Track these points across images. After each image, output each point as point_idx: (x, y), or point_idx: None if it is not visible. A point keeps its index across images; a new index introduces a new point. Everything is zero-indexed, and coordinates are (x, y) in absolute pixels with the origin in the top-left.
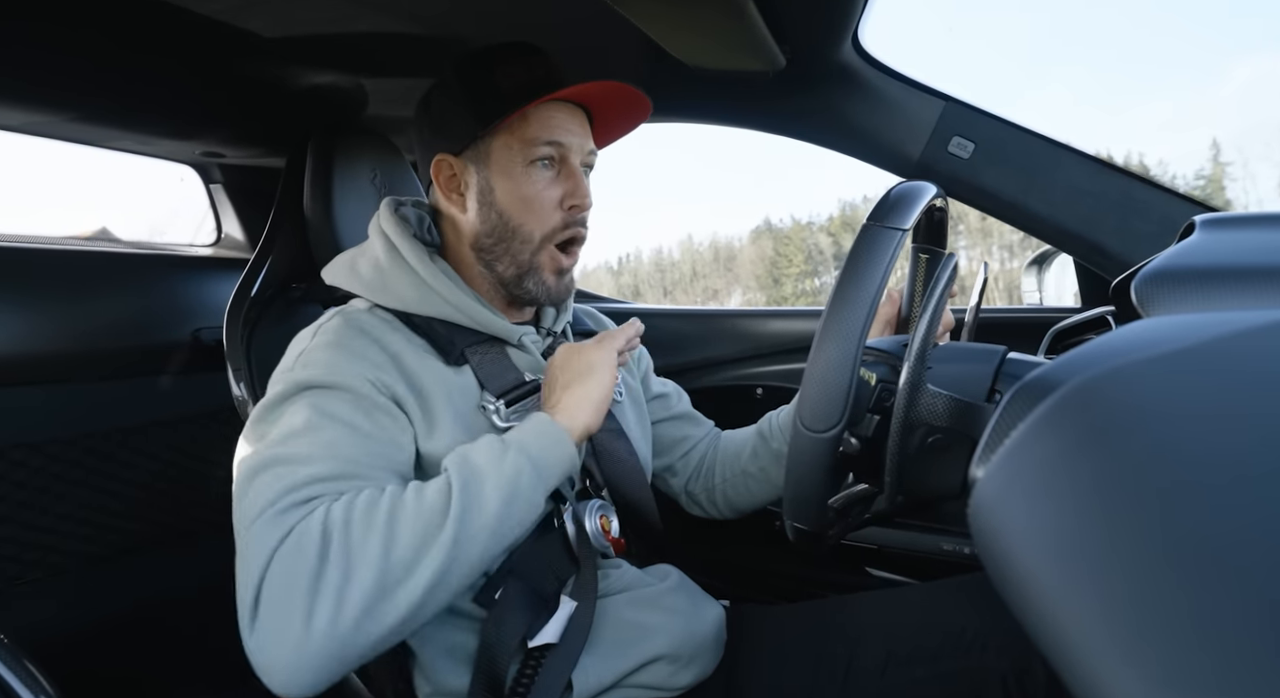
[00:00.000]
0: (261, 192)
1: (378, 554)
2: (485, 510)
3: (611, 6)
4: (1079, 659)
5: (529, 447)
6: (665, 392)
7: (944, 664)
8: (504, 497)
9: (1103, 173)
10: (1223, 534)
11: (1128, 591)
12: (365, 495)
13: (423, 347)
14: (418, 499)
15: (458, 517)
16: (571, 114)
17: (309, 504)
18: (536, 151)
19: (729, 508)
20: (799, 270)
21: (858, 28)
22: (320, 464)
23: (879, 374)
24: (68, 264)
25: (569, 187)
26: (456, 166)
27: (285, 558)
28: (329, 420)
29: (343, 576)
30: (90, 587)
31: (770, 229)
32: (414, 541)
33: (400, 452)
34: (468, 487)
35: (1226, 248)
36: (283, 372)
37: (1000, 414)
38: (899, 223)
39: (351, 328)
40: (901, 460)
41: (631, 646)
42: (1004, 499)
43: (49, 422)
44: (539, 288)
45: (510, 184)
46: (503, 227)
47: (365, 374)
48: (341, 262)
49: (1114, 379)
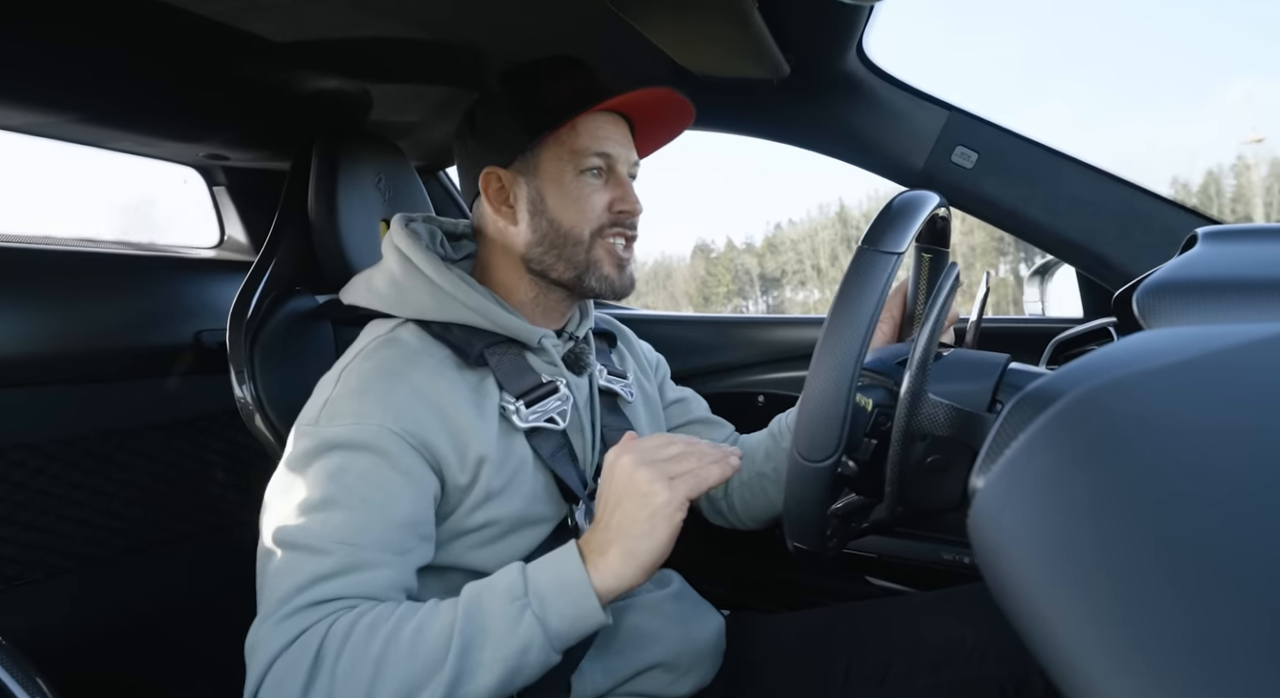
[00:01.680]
0: (265, 194)
1: (362, 694)
2: (484, 679)
3: (617, 15)
4: (1077, 670)
5: (551, 616)
6: (683, 397)
7: (943, 674)
8: (507, 668)
9: (1105, 184)
10: (1223, 546)
11: (1126, 602)
12: (369, 620)
13: (444, 358)
14: (414, 642)
15: (449, 681)
16: (617, 125)
17: (315, 610)
18: (586, 162)
19: (746, 513)
20: (726, 289)
21: (862, 37)
22: (331, 558)
23: (875, 399)
24: (69, 265)
25: (618, 193)
26: (505, 179)
27: (280, 670)
28: (348, 494)
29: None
30: (89, 589)
31: (703, 250)
32: (399, 689)
33: (419, 521)
34: (469, 650)
35: (1229, 260)
36: (308, 423)
37: (1001, 424)
38: (894, 247)
39: (373, 368)
40: (902, 471)
41: (631, 652)
42: (1004, 510)
43: (49, 423)
44: (602, 283)
45: (561, 192)
46: (554, 234)
47: (391, 426)
48: (358, 282)
49: (1115, 390)
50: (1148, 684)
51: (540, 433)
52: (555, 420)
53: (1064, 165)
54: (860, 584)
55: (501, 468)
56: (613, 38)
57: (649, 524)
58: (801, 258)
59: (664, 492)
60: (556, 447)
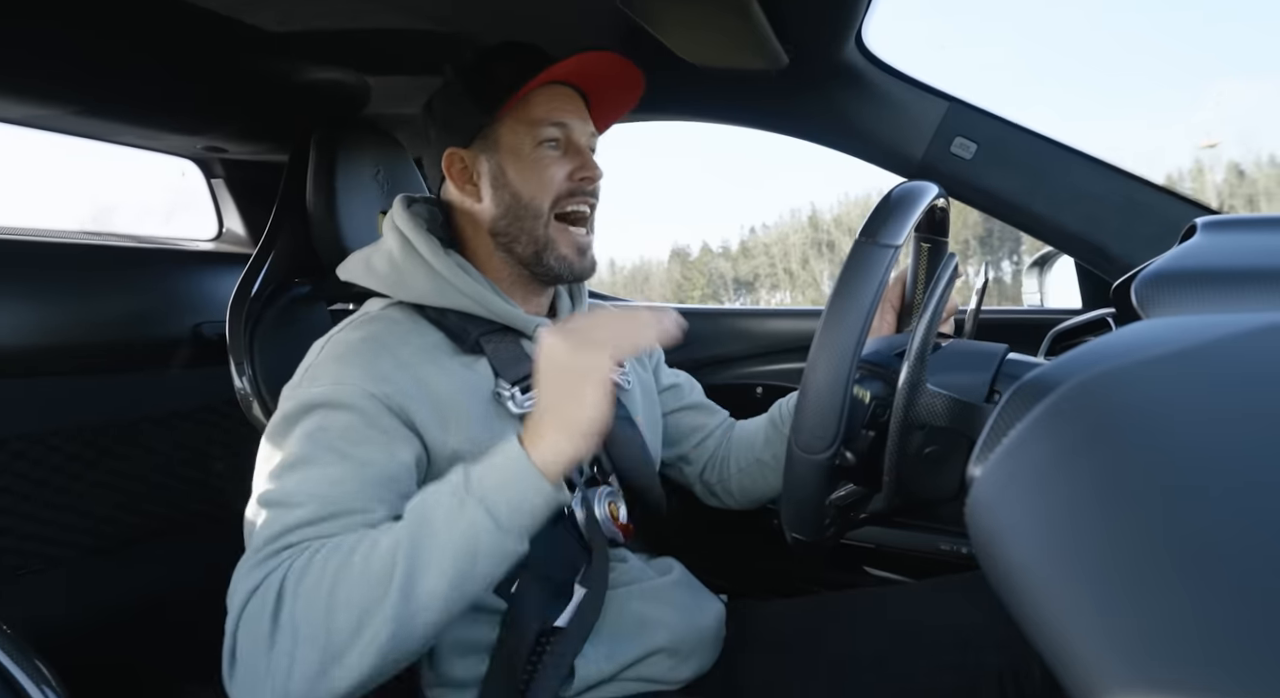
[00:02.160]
0: (263, 186)
1: (320, 623)
2: (435, 575)
3: (617, 6)
4: (1074, 656)
5: (492, 497)
6: (677, 382)
7: (941, 661)
8: (459, 559)
9: (1105, 175)
10: (1220, 535)
11: (1123, 589)
12: (326, 551)
13: (437, 342)
14: (366, 557)
15: (402, 585)
16: (570, 97)
17: (286, 552)
18: (543, 133)
19: (745, 498)
20: (701, 293)
21: (861, 27)
22: (305, 508)
23: (873, 391)
24: (70, 257)
25: (577, 162)
26: (467, 158)
27: (250, 614)
28: (326, 451)
29: (291, 640)
30: (92, 579)
31: (679, 254)
32: (355, 610)
33: (396, 477)
34: (417, 549)
35: (1227, 251)
36: (292, 387)
37: (999, 414)
38: (891, 239)
39: (360, 338)
40: (900, 462)
41: (634, 637)
42: (1001, 498)
43: (50, 414)
44: (560, 263)
45: (521, 164)
46: (517, 205)
47: (370, 388)
48: (357, 259)
49: (1112, 380)
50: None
51: None
52: None
53: (1063, 156)
54: (858, 574)
55: (491, 447)
56: (614, 28)
57: (578, 391)
58: (774, 262)
59: (587, 357)
60: None
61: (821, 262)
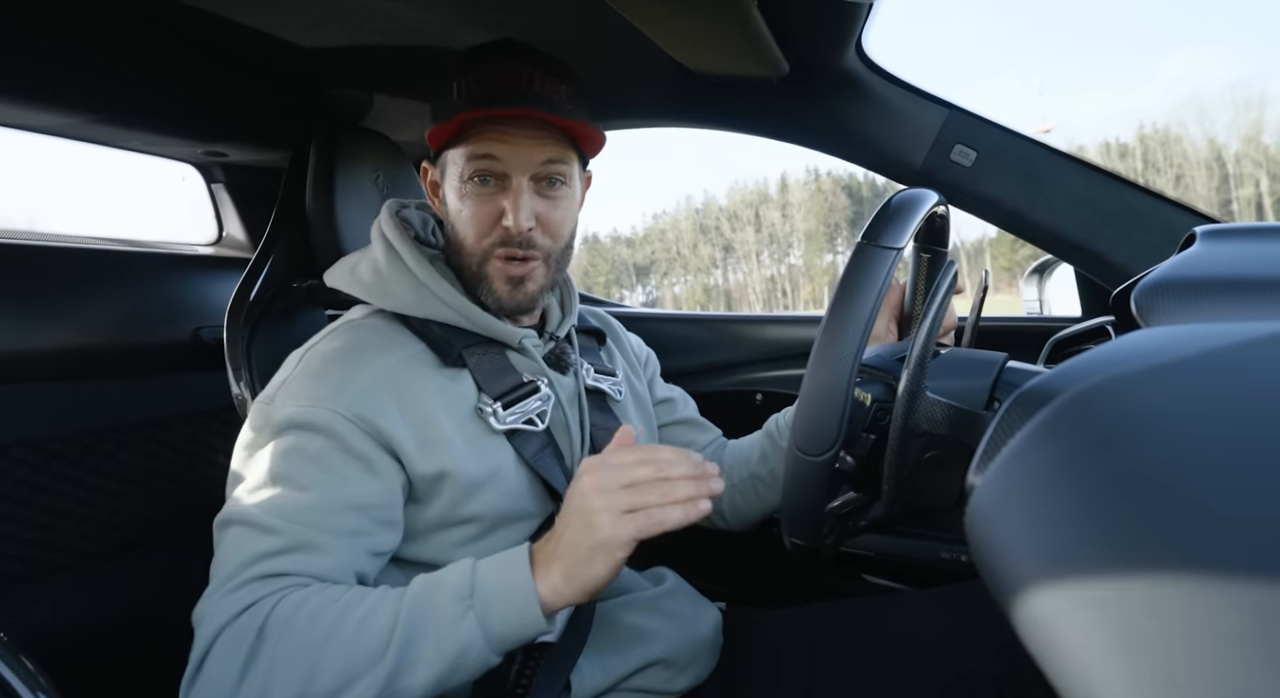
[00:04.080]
0: (263, 191)
1: (300, 676)
2: (423, 672)
3: (618, 14)
4: (1073, 666)
5: (492, 614)
6: (671, 396)
7: (940, 669)
8: (445, 666)
9: (1104, 182)
10: (1219, 544)
11: (1121, 598)
12: (315, 603)
13: (419, 353)
14: (357, 632)
15: (389, 672)
16: (520, 124)
17: (262, 584)
18: (475, 166)
19: (735, 517)
20: (605, 278)
21: (861, 34)
22: (277, 537)
23: (874, 394)
24: (68, 262)
25: (505, 205)
26: (433, 173)
27: (226, 642)
28: (300, 475)
29: (265, 680)
30: (90, 585)
31: (588, 242)
32: (339, 677)
33: (370, 504)
34: (410, 644)
35: (1227, 259)
36: (265, 401)
37: (998, 422)
38: (893, 242)
39: (338, 349)
40: (900, 469)
41: (629, 649)
42: (1001, 507)
43: (49, 419)
44: (491, 298)
45: (454, 197)
46: (455, 238)
47: (345, 411)
48: (343, 265)
49: (1112, 389)
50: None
51: (521, 435)
52: (535, 421)
53: (1063, 164)
54: (856, 582)
55: (477, 466)
56: (615, 39)
57: (590, 555)
58: (669, 246)
59: (609, 527)
60: (539, 447)
61: (708, 246)
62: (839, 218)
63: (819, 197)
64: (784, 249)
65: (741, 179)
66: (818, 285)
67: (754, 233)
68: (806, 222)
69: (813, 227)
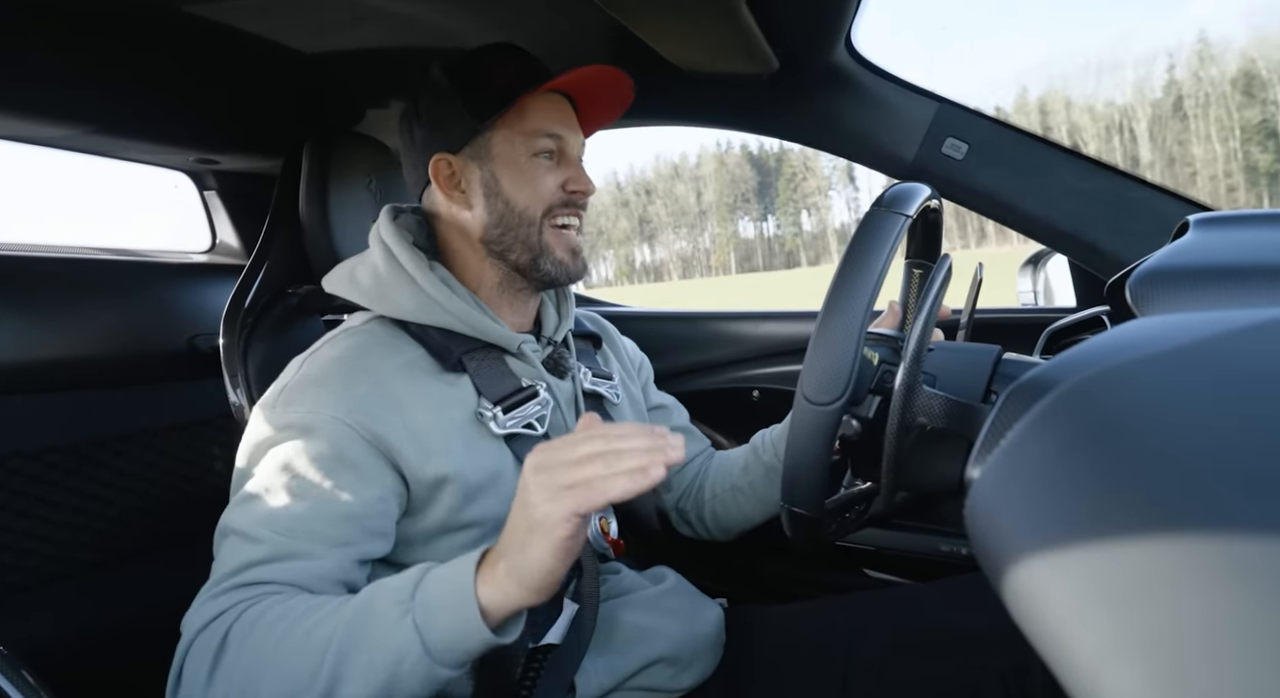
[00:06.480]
0: (256, 198)
1: (251, 687)
2: (360, 684)
3: (608, 14)
4: (1076, 657)
5: (431, 620)
6: (665, 404)
7: (942, 663)
8: (379, 679)
9: (1096, 173)
10: (1219, 534)
11: (1123, 590)
12: (280, 610)
13: (418, 358)
14: (304, 640)
15: (325, 687)
16: (562, 107)
17: (240, 591)
18: (538, 144)
19: (717, 527)
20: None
21: (850, 30)
22: (264, 546)
23: (881, 354)
24: (62, 271)
25: (571, 173)
26: (456, 165)
27: (197, 649)
28: (293, 484)
29: (224, 690)
30: (88, 595)
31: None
32: (281, 688)
33: (362, 515)
34: (345, 656)
35: (1220, 247)
36: (266, 406)
37: (996, 415)
38: (903, 209)
39: (338, 356)
40: (898, 459)
41: (632, 648)
42: (1000, 499)
43: (45, 429)
44: (557, 267)
45: (516, 174)
46: (510, 214)
47: (345, 417)
48: (342, 271)
49: (1109, 379)
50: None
51: (520, 439)
52: (534, 426)
53: (1055, 155)
54: (857, 577)
55: (477, 471)
56: (605, 36)
57: (525, 539)
58: (592, 219)
59: (544, 504)
60: None
61: (625, 220)
62: (746, 189)
63: (723, 171)
64: (694, 219)
65: (663, 152)
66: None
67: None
68: (717, 194)
69: (718, 198)
